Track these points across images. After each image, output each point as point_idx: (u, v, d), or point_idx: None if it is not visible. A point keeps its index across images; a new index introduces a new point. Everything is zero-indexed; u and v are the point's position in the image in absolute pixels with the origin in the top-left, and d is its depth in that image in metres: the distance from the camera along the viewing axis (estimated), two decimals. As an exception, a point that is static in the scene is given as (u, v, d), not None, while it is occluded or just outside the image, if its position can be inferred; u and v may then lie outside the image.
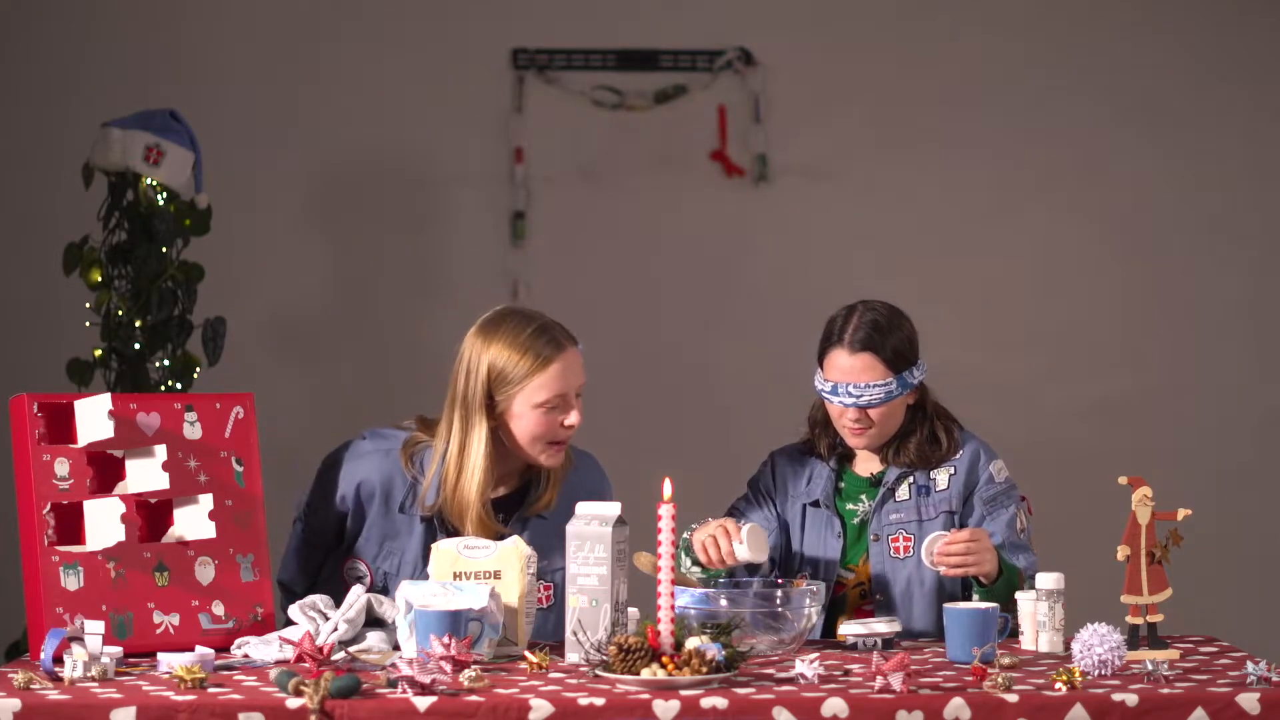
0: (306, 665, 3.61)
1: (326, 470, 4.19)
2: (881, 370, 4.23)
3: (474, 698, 3.37)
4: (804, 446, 4.40)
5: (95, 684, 3.51)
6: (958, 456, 4.30)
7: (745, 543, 4.05)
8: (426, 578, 4.01)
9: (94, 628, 3.63)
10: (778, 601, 3.93)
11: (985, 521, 4.25)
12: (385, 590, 4.12)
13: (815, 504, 4.31)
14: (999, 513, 4.26)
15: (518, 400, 4.03)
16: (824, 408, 4.34)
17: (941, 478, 4.29)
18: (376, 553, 4.15)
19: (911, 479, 4.29)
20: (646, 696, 3.38)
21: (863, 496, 4.31)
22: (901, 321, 4.29)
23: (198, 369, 6.01)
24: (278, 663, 3.74)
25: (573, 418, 4.05)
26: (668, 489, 3.61)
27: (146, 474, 3.91)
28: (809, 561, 4.28)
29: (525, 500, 4.15)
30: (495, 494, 4.13)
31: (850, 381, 4.22)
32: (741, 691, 3.42)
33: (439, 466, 4.08)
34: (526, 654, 3.70)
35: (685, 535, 4.15)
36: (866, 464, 4.34)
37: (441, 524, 4.11)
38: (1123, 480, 3.79)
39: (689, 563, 4.15)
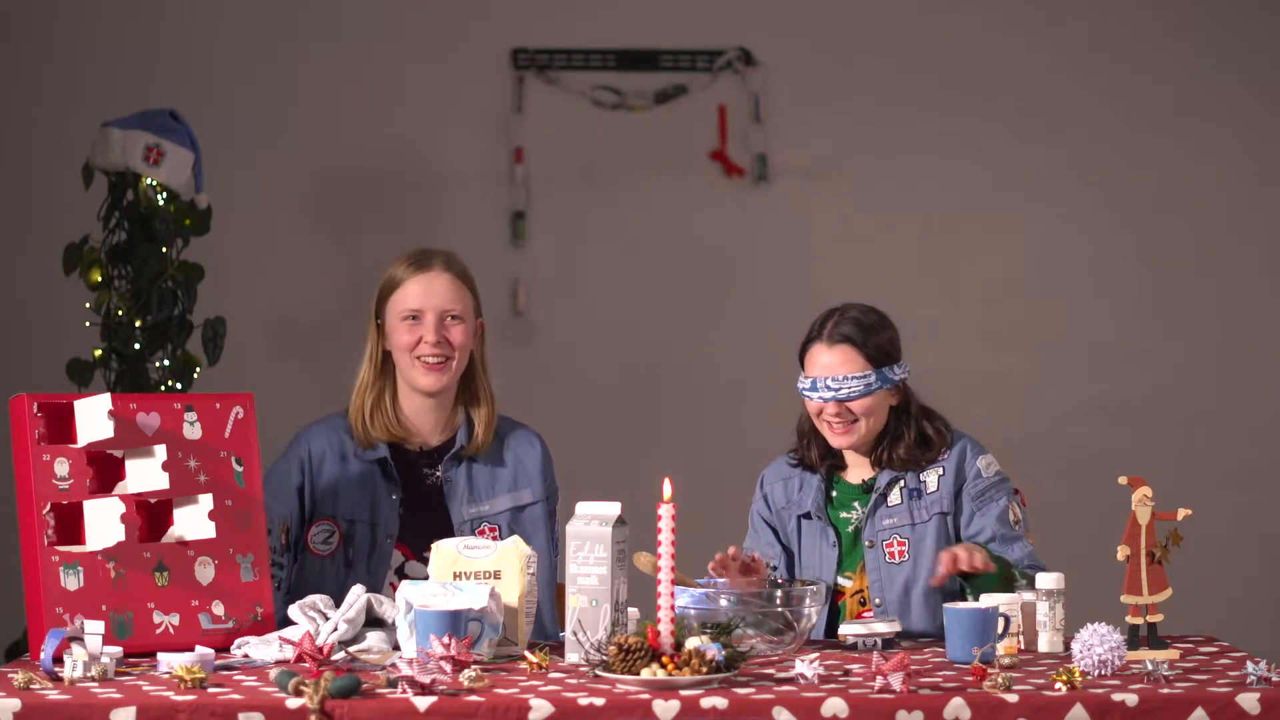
0: (306, 665, 3.61)
1: (269, 469, 4.30)
2: (860, 363, 4.23)
3: (474, 698, 3.37)
4: (793, 459, 4.40)
5: (95, 684, 3.51)
6: (945, 456, 4.29)
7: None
8: (396, 522, 4.25)
9: (94, 628, 3.63)
10: (778, 601, 3.94)
11: (975, 517, 4.24)
12: (352, 539, 4.25)
13: (808, 515, 4.32)
14: (988, 507, 4.25)
15: (389, 313, 4.33)
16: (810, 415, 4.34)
17: (931, 479, 4.29)
18: (340, 504, 4.28)
19: (902, 483, 4.28)
20: (646, 696, 3.38)
21: (855, 504, 4.31)
22: (883, 320, 4.31)
23: (198, 369, 6.01)
24: (278, 663, 3.74)
25: (429, 333, 4.27)
26: (668, 489, 3.61)
27: (146, 474, 3.91)
28: (807, 572, 4.28)
29: (455, 445, 4.34)
30: (431, 443, 4.34)
31: (829, 375, 4.22)
32: (741, 691, 3.42)
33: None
34: (526, 654, 3.70)
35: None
36: (858, 471, 4.34)
37: (392, 460, 4.31)
38: (1123, 480, 3.79)
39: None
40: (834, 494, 4.34)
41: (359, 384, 4.35)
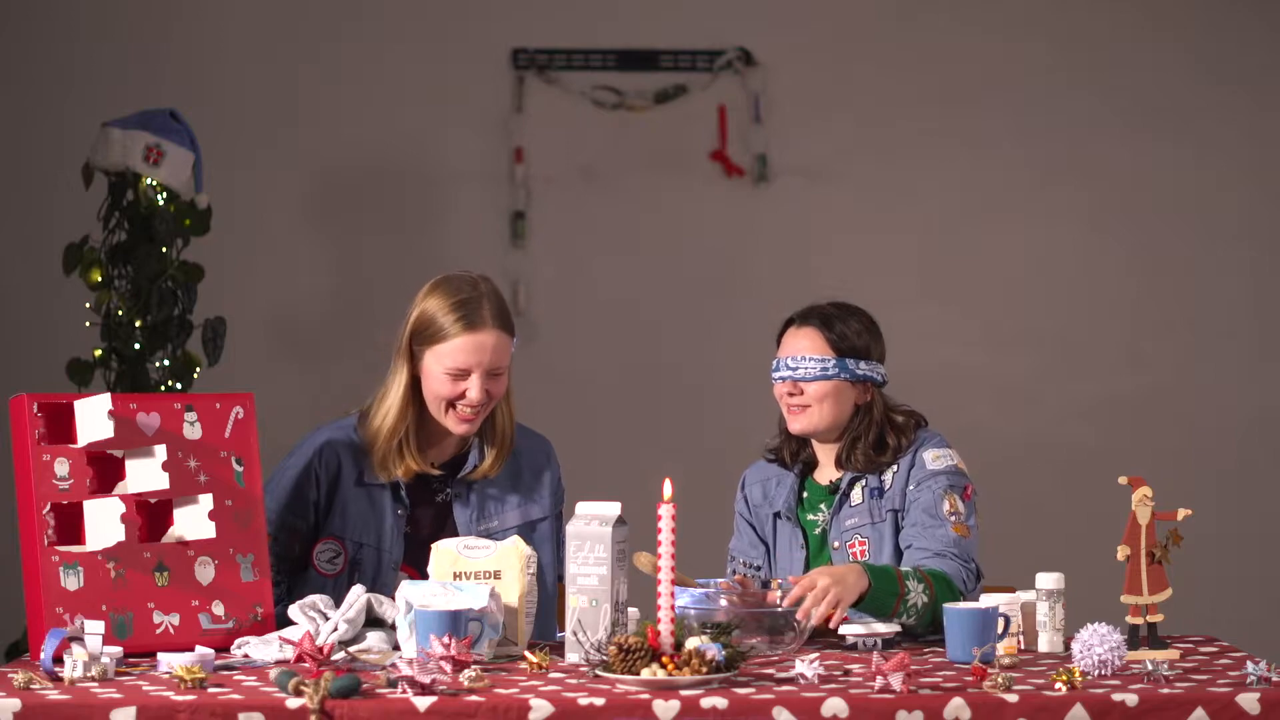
0: (306, 665, 3.61)
1: (280, 470, 4.26)
2: (821, 346, 4.26)
3: (474, 698, 3.37)
4: (770, 455, 4.41)
5: (95, 684, 3.51)
6: (905, 456, 4.28)
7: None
8: (401, 547, 4.20)
9: (94, 628, 3.63)
10: (778, 602, 3.93)
11: (911, 508, 4.22)
12: (359, 563, 4.19)
13: (779, 515, 4.33)
14: (922, 497, 4.22)
15: (428, 356, 4.17)
16: None
17: (889, 478, 4.28)
18: (349, 526, 4.22)
19: (864, 481, 4.28)
20: (646, 696, 3.38)
21: (822, 506, 4.31)
22: (862, 317, 4.32)
23: (198, 369, 6.02)
24: (278, 663, 3.74)
25: (473, 392, 4.14)
26: (668, 489, 3.61)
27: (146, 474, 3.91)
28: (780, 572, 4.28)
29: (467, 465, 4.26)
30: (442, 459, 4.26)
31: (789, 355, 4.25)
32: (741, 691, 3.42)
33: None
34: (526, 654, 3.70)
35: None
36: (826, 472, 4.34)
37: (405, 488, 4.22)
38: (1123, 480, 3.79)
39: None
40: (804, 495, 4.34)
41: (384, 414, 4.18)
